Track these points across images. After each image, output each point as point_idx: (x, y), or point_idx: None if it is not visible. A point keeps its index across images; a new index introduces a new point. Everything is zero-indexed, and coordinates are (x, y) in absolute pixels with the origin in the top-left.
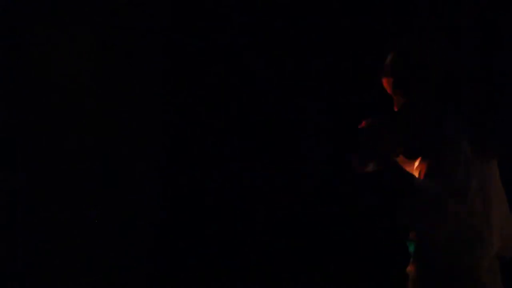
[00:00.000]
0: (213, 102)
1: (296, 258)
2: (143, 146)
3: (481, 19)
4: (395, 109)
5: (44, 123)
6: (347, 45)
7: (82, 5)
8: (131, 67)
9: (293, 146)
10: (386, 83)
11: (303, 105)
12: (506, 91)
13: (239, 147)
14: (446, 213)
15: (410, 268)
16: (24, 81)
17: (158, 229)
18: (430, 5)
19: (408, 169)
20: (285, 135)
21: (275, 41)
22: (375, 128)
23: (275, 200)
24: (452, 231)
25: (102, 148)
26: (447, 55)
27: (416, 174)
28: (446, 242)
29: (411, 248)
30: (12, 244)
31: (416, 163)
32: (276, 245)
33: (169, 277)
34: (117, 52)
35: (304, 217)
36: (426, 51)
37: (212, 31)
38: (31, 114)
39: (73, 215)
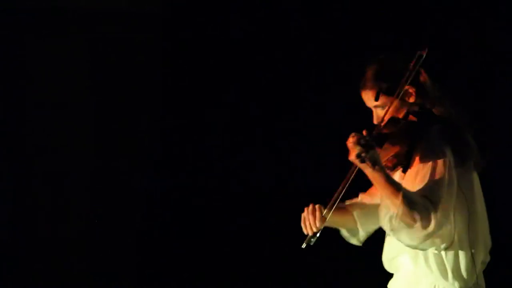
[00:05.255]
0: (208, 103)
1: (293, 258)
2: (141, 147)
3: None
4: (374, 122)
5: (43, 123)
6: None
7: (79, 8)
8: (128, 69)
9: (289, 146)
10: (365, 96)
11: (300, 106)
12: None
13: (237, 147)
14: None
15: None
16: (25, 82)
17: (156, 230)
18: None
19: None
20: (283, 135)
21: (272, 42)
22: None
23: (273, 200)
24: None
25: (101, 148)
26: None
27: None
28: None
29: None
30: (12, 244)
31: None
32: (274, 245)
33: (166, 277)
34: (116, 53)
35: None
36: (405, 61)
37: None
38: (31, 114)
39: (72, 215)
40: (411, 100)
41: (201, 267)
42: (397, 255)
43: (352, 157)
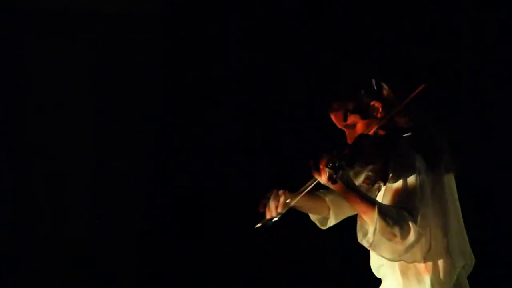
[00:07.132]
0: (208, 103)
1: (293, 258)
2: (141, 147)
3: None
4: (349, 142)
5: (43, 123)
6: None
7: (79, 8)
8: (128, 69)
9: (289, 146)
10: (334, 118)
11: (300, 106)
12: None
13: (237, 147)
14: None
15: None
16: (25, 82)
17: (156, 230)
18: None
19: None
20: (283, 135)
21: (272, 42)
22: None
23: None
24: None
25: (101, 148)
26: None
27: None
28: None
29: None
30: (12, 244)
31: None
32: (274, 244)
33: (166, 277)
34: (116, 53)
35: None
36: (370, 79)
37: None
38: (31, 114)
39: (72, 215)
40: (379, 115)
41: (201, 267)
42: (382, 263)
43: (323, 179)
